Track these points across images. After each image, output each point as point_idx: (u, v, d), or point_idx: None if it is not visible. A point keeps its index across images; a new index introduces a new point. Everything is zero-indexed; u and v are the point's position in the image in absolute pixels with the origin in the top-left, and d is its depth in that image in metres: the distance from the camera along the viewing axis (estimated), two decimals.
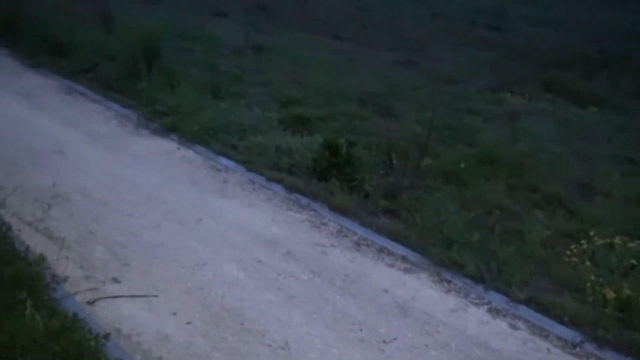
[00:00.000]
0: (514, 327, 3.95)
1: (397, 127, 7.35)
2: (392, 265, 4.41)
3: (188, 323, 3.49)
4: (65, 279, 3.75)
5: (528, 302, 4.18)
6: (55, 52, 8.80)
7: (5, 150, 5.57)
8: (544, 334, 3.89)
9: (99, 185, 5.13)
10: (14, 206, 4.55)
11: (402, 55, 14.18)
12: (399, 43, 16.29)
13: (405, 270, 4.38)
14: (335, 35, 17.07)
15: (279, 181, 5.58)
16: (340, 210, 5.12)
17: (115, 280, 3.81)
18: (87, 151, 5.87)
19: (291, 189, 5.45)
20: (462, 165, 6.16)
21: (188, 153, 6.12)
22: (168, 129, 6.59)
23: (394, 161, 5.92)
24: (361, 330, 3.64)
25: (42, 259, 3.88)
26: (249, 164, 5.87)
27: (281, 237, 4.61)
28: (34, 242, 4.08)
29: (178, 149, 6.21)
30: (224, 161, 5.95)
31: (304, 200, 5.28)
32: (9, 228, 4.16)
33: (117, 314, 3.49)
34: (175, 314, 3.55)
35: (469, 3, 24.10)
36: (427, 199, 5.40)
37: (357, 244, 4.67)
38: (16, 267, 3.61)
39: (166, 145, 6.27)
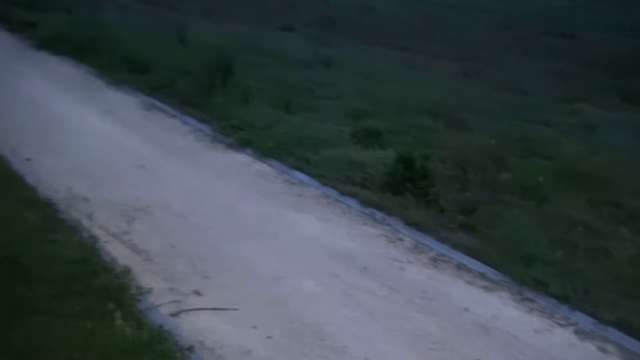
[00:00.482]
0: (604, 350, 3.75)
1: (470, 140, 7.21)
2: (471, 283, 4.29)
3: (268, 337, 3.52)
4: (150, 290, 3.86)
5: (617, 324, 3.97)
6: (134, 70, 9.20)
7: (92, 164, 5.85)
8: (636, 359, 3.67)
9: (179, 198, 5.29)
10: (100, 219, 4.75)
11: (470, 66, 13.91)
12: (466, 53, 16.00)
13: (486, 288, 4.24)
14: (402, 47, 16.98)
15: (353, 195, 5.57)
16: (416, 225, 5.04)
17: (197, 293, 3.90)
18: (167, 165, 6.07)
19: (365, 203, 5.42)
20: (541, 179, 5.95)
21: (263, 167, 6.22)
22: (243, 143, 6.73)
23: (470, 175, 5.79)
24: (443, 349, 3.55)
25: (127, 270, 4.02)
26: (323, 178, 5.89)
27: (357, 252, 4.59)
28: (119, 254, 4.24)
29: (253, 162, 6.32)
30: (298, 175, 6.01)
31: (379, 215, 5.24)
32: (96, 240, 4.36)
33: (199, 326, 3.55)
34: (255, 327, 3.59)
35: (538, 11, 23.39)
36: (505, 215, 5.24)
37: (434, 260, 4.58)
38: (104, 279, 3.78)
39: (241, 159, 6.40)
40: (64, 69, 9.56)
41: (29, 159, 5.69)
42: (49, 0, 15.22)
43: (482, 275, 4.39)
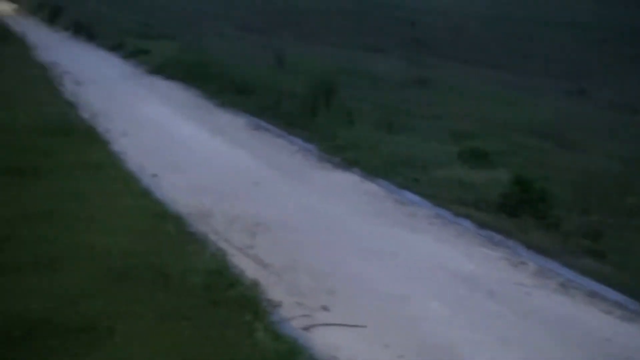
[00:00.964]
0: None
1: (587, 162, 6.90)
2: (608, 312, 4.05)
3: (400, 357, 3.48)
4: (279, 304, 3.95)
5: None
6: (239, 92, 9.60)
7: (210, 181, 6.12)
8: None
9: (295, 215, 5.41)
10: (225, 233, 4.94)
11: (571, 84, 13.41)
12: (565, 71, 15.45)
13: (625, 319, 4.00)
14: (496, 66, 16.68)
15: (467, 216, 5.46)
16: (538, 249, 4.86)
17: (325, 308, 3.94)
18: (279, 183, 6.25)
19: (481, 224, 5.30)
20: None
21: (371, 186, 6.25)
22: (350, 163, 6.81)
23: (592, 198, 5.53)
24: None
25: (256, 283, 4.14)
26: (434, 198, 5.84)
27: (479, 275, 4.48)
28: (246, 267, 4.37)
29: (361, 182, 6.37)
30: (408, 195, 5.99)
31: (497, 237, 5.10)
32: (224, 253, 4.53)
33: (331, 342, 3.58)
34: (387, 346, 3.57)
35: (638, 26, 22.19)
36: (636, 240, 4.94)
37: (563, 286, 4.38)
38: (238, 290, 3.90)
39: (349, 178, 6.47)
40: (175, 92, 10.14)
41: (155, 175, 6.04)
42: (157, 30, 16.31)
43: (619, 304, 4.14)
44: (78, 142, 6.72)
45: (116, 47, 13.81)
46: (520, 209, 5.43)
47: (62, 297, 3.60)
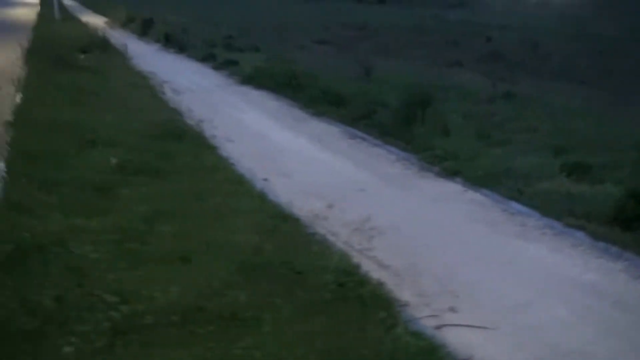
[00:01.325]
0: None
1: None
2: None
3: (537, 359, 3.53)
4: (407, 304, 4.08)
5: None
6: (332, 102, 9.85)
7: (318, 186, 6.34)
8: None
9: (405, 221, 5.53)
10: (342, 235, 5.13)
11: None
12: None
13: None
14: (579, 81, 16.25)
15: (579, 228, 5.41)
16: None
17: (452, 310, 4.03)
18: (384, 190, 6.39)
19: (596, 236, 5.24)
20: None
21: (476, 196, 6.29)
22: (451, 173, 6.87)
23: None
24: None
25: (381, 283, 4.28)
26: (542, 209, 5.81)
27: (602, 285, 4.45)
28: (368, 268, 4.52)
29: (465, 191, 6.42)
30: (515, 205, 5.98)
31: (614, 249, 5.03)
32: (346, 254, 4.70)
33: (465, 342, 3.67)
34: (520, 349, 3.62)
35: None
36: None
37: None
38: (369, 289, 4.06)
39: (453, 188, 6.53)
40: (268, 101, 10.52)
41: (265, 179, 6.32)
42: (241, 42, 16.94)
43: None
44: (190, 146, 7.13)
45: (206, 58, 14.46)
46: (636, 223, 5.33)
47: (208, 288, 3.85)
